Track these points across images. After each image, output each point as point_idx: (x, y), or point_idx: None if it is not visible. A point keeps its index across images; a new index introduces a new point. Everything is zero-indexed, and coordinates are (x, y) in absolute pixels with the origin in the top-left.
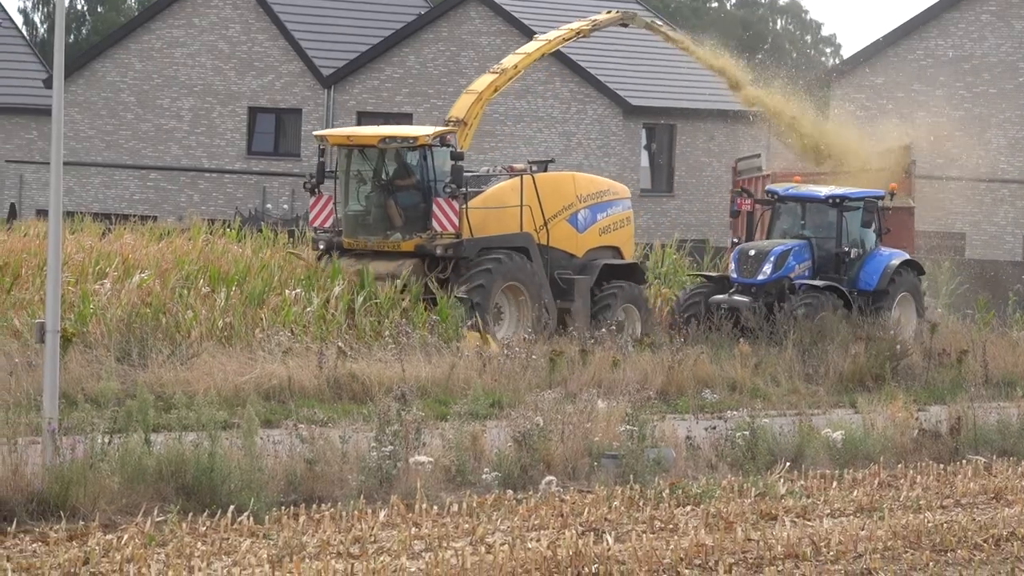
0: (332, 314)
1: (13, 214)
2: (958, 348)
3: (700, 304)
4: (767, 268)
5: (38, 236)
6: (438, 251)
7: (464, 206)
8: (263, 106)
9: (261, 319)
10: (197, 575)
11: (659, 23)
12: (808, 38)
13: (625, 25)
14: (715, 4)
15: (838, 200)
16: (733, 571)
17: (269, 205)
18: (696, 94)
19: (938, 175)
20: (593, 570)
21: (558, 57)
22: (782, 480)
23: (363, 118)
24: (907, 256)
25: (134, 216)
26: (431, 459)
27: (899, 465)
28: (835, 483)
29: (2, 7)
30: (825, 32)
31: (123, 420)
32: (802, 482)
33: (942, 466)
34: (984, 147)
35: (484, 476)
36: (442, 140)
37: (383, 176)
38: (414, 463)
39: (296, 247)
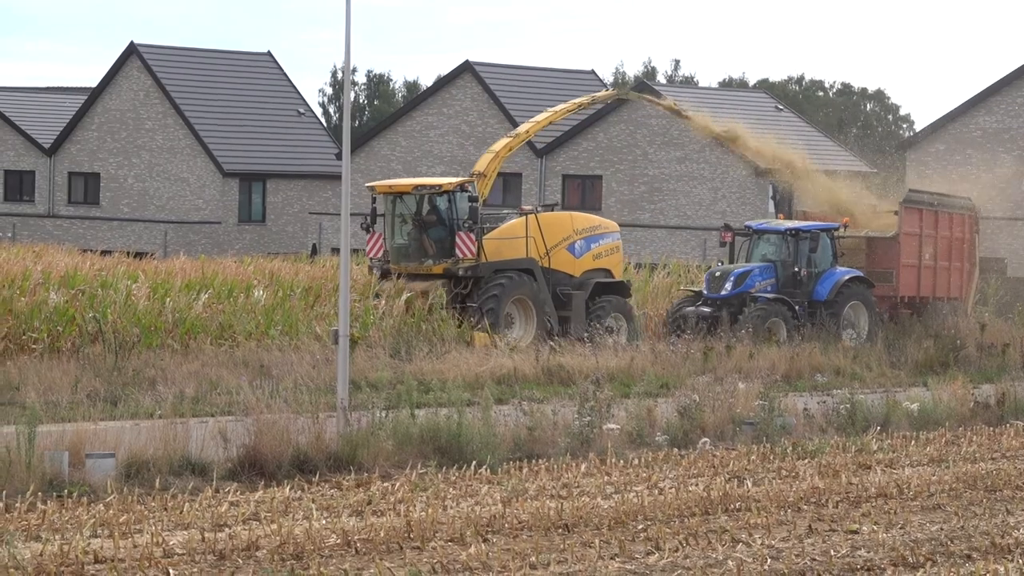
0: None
1: (315, 251)
2: (1002, 342)
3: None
4: (728, 285)
5: (332, 267)
6: (460, 273)
7: (480, 238)
8: None
9: None
10: (450, 511)
11: (648, 96)
12: (889, 117)
13: (621, 100)
14: (820, 93)
15: (794, 232)
16: (839, 506)
17: None
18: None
19: (985, 215)
20: (737, 506)
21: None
22: (874, 440)
23: (566, 179)
24: (857, 273)
25: None
26: (618, 426)
27: (960, 428)
28: (913, 442)
29: (307, 103)
30: (902, 112)
31: (394, 400)
32: (889, 441)
33: (992, 429)
34: (1019, 195)
35: (657, 438)
36: (462, 188)
37: (418, 216)
38: (606, 429)
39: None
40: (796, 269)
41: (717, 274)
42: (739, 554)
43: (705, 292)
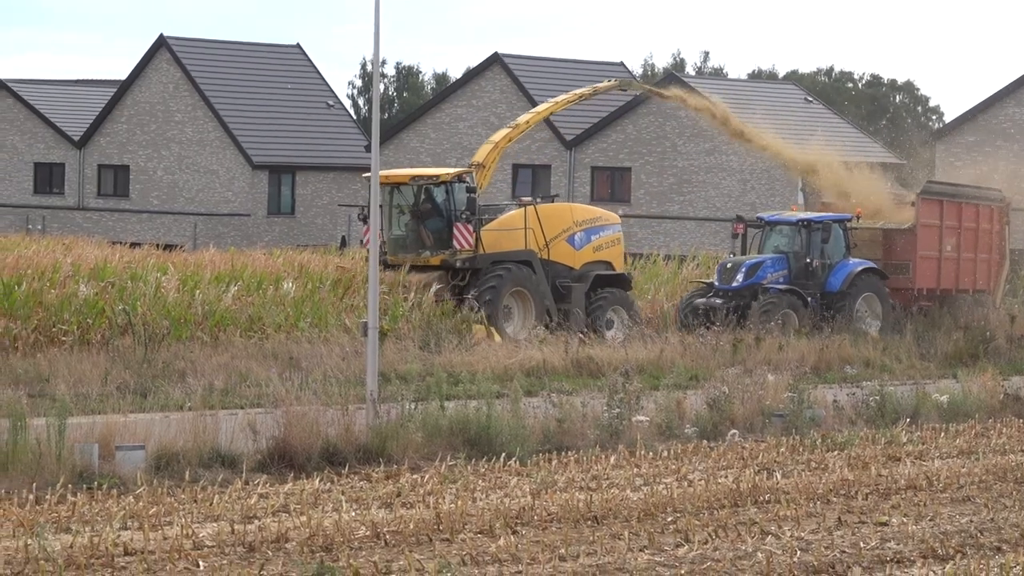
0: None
1: (343, 244)
2: None
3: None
4: (739, 277)
5: (362, 259)
6: (458, 264)
7: (479, 229)
8: (523, 163)
9: None
10: (479, 503)
11: (649, 87)
12: (919, 108)
13: (624, 90)
14: (850, 85)
15: (806, 223)
16: (868, 498)
17: None
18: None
19: (1016, 207)
20: (766, 498)
21: None
22: (904, 431)
23: (595, 171)
24: (870, 265)
25: None
26: (647, 418)
27: (990, 420)
28: (943, 433)
29: (336, 96)
30: (932, 103)
31: (424, 392)
32: (918, 433)
33: (1022, 421)
34: None
35: (686, 430)
36: (459, 178)
37: (416, 207)
38: (635, 421)
39: (342, 260)
40: (808, 260)
41: (729, 265)
42: (768, 546)
43: (717, 283)
